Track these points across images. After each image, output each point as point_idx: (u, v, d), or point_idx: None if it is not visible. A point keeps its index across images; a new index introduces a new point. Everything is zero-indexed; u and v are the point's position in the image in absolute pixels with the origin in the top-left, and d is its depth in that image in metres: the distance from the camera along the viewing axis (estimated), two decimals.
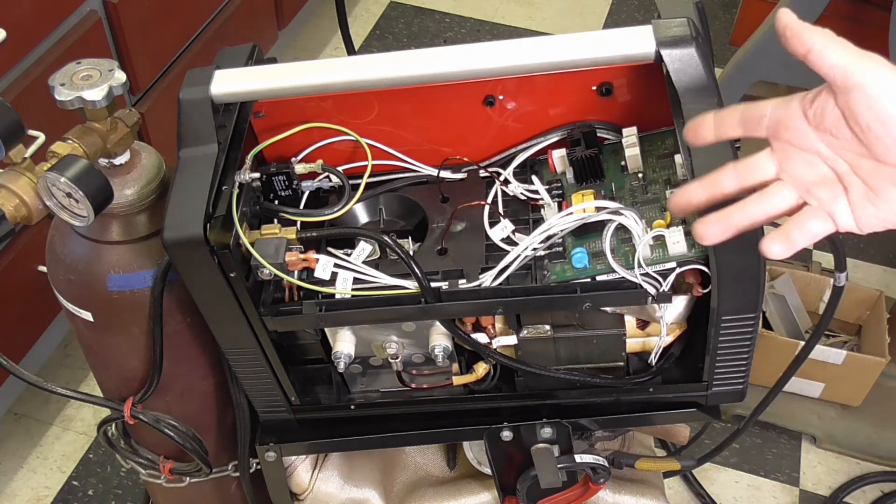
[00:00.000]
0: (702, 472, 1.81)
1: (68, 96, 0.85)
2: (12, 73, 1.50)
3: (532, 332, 0.94)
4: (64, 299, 0.99)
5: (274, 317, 0.90)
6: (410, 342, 0.96)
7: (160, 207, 0.93)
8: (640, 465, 1.12)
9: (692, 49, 0.81)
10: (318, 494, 1.21)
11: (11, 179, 0.82)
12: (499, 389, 1.01)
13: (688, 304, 0.93)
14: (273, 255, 0.87)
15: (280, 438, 1.07)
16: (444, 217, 0.97)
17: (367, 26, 2.78)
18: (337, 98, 0.95)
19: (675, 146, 0.93)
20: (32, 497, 1.79)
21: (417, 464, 1.24)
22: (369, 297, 0.89)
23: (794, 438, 1.88)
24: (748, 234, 0.79)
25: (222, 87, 0.88)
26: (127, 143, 0.92)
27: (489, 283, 0.89)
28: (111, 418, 1.08)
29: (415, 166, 1.00)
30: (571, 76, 0.92)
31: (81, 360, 1.90)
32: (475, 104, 0.97)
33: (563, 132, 0.98)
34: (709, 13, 1.30)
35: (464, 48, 0.86)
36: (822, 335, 1.43)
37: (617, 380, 0.98)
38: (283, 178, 0.95)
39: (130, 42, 1.71)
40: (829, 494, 1.80)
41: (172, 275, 0.94)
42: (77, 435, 1.87)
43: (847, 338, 1.93)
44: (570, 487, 1.10)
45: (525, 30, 2.78)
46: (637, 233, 0.85)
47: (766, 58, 2.13)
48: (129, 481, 1.80)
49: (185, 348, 1.02)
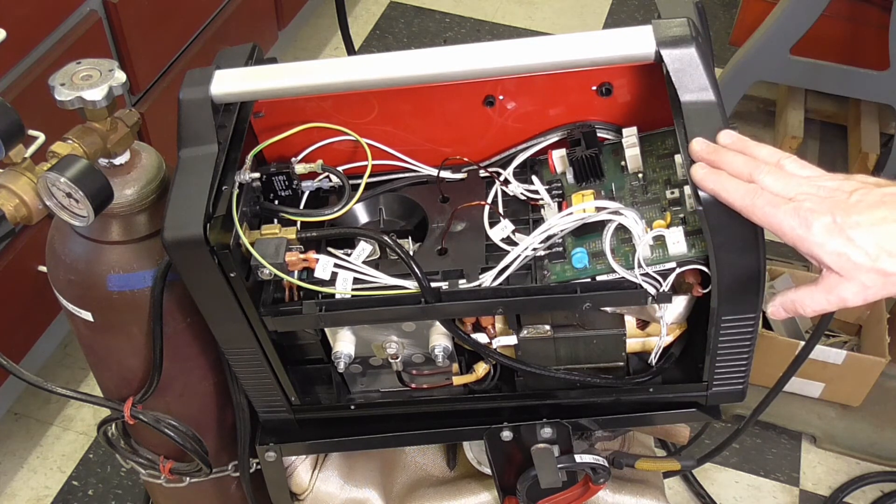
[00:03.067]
0: (702, 472, 1.81)
1: (68, 96, 0.85)
2: (12, 73, 1.50)
3: (532, 332, 0.94)
4: (64, 299, 0.99)
5: (274, 317, 0.90)
6: (410, 342, 0.96)
7: (160, 207, 0.93)
8: (640, 465, 1.12)
9: (692, 49, 0.81)
10: (318, 494, 1.21)
11: (11, 179, 0.82)
12: (499, 389, 1.01)
13: (688, 304, 0.93)
14: (273, 255, 0.87)
15: (280, 438, 1.07)
16: (444, 217, 0.97)
17: (367, 26, 2.78)
18: (337, 98, 0.95)
19: (675, 146, 0.93)
20: (32, 497, 1.79)
21: (417, 464, 1.24)
22: (369, 297, 0.89)
23: (794, 438, 1.88)
24: (748, 235, 0.79)
25: (222, 87, 0.88)
26: (127, 143, 0.92)
27: (489, 283, 0.89)
28: (111, 418, 1.08)
29: (415, 166, 1.00)
30: (571, 76, 0.92)
31: (81, 360, 1.90)
32: (475, 104, 0.97)
33: (563, 132, 0.98)
34: (709, 13, 1.30)
35: (464, 48, 0.86)
36: (822, 335, 1.43)
37: (617, 380, 0.98)
38: (283, 178, 0.95)
39: (130, 42, 1.71)
40: (829, 494, 1.80)
41: (172, 275, 0.94)
42: (77, 435, 1.87)
43: (847, 338, 1.93)
44: (570, 487, 1.10)
45: (525, 30, 2.78)
46: (637, 233, 0.85)
47: (766, 58, 2.13)
48: (129, 481, 1.80)
49: (185, 348, 1.02)
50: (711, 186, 0.75)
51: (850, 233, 0.68)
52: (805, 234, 0.69)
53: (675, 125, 0.83)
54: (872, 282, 0.68)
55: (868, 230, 0.67)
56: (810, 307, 0.73)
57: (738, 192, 0.73)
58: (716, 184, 0.75)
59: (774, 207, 0.70)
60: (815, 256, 0.70)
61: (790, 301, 0.74)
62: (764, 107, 2.54)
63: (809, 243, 0.69)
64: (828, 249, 0.68)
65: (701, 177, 0.76)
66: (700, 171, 0.76)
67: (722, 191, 0.74)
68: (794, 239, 0.70)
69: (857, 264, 0.68)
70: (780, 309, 0.76)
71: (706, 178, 0.75)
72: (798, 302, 0.74)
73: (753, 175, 0.73)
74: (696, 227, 0.85)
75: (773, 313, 0.76)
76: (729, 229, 0.78)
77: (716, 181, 0.75)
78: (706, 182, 0.75)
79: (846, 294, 0.70)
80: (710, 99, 0.81)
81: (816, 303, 0.72)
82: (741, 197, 0.73)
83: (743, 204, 0.73)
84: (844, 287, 0.70)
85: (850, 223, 0.68)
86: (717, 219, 0.77)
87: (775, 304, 0.76)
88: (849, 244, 0.68)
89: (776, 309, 0.76)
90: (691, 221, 0.86)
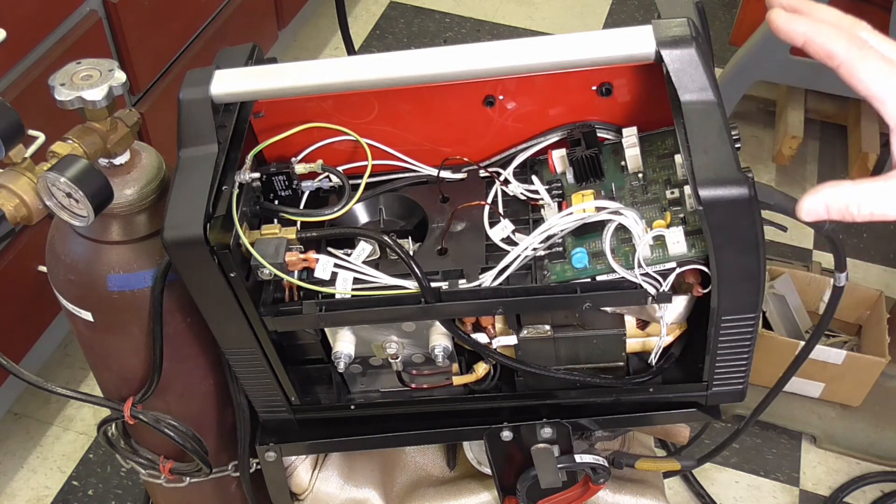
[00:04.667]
0: (702, 472, 1.81)
1: (68, 96, 0.85)
2: (12, 73, 1.50)
3: (532, 332, 0.94)
4: (64, 299, 0.99)
5: (274, 317, 0.90)
6: (410, 342, 0.96)
7: (160, 207, 0.93)
8: (640, 465, 1.12)
9: (692, 49, 0.81)
10: (318, 494, 1.21)
11: (11, 179, 0.82)
12: (499, 389, 1.01)
13: (688, 304, 0.93)
14: (273, 255, 0.87)
15: (280, 438, 1.07)
16: (444, 217, 0.97)
17: (367, 26, 2.78)
18: (337, 98, 0.95)
19: (675, 146, 0.93)
20: (32, 497, 1.79)
21: (417, 464, 1.24)
22: (369, 297, 0.89)
23: (794, 438, 1.88)
24: (748, 235, 0.79)
25: (222, 87, 0.88)
26: (127, 143, 0.92)
27: (489, 283, 0.89)
28: (111, 418, 1.08)
29: (415, 166, 1.00)
30: (571, 76, 0.92)
31: (81, 360, 1.90)
32: (475, 104, 0.97)
33: (563, 132, 0.98)
34: (709, 13, 1.30)
35: (464, 48, 0.86)
36: (822, 335, 1.43)
37: (617, 380, 0.98)
38: (283, 178, 0.95)
39: (130, 42, 1.72)
40: (829, 494, 1.80)
41: (172, 275, 0.94)
42: (77, 435, 1.87)
43: (847, 338, 1.94)
44: (570, 487, 1.10)
45: (525, 30, 2.78)
46: (637, 233, 0.85)
47: (766, 58, 2.13)
48: (129, 481, 1.80)
49: (185, 348, 1.02)
50: (803, 29, 0.60)
51: None
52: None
53: (675, 125, 0.83)
54: None
55: None
56: (869, 210, 0.57)
57: (840, 40, 0.59)
58: (809, 27, 0.60)
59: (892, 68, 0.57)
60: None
61: (841, 199, 0.58)
62: (764, 107, 2.54)
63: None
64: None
65: (786, 19, 0.61)
66: (782, 14, 0.61)
67: (818, 34, 0.60)
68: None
69: None
70: (822, 206, 0.59)
71: (793, 20, 0.60)
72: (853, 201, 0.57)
73: (855, 29, 0.60)
74: (696, 227, 0.85)
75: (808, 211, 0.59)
76: (729, 229, 0.78)
77: (809, 24, 0.60)
78: (794, 24, 0.60)
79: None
80: (710, 99, 0.81)
81: (881, 205, 0.57)
82: (845, 46, 0.59)
83: (847, 56, 0.58)
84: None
85: None
86: (717, 219, 0.77)
87: (817, 198, 0.58)
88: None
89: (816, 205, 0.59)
90: (691, 221, 0.86)
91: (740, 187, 0.76)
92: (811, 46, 0.60)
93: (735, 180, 0.76)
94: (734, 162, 0.77)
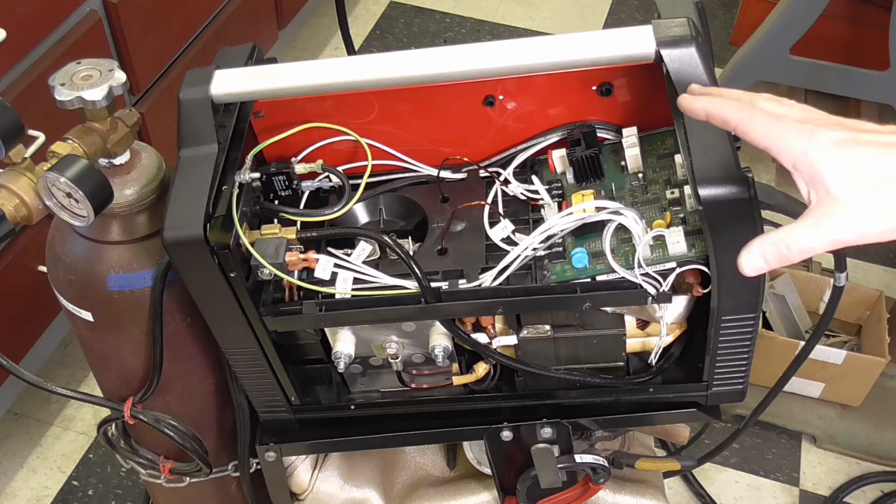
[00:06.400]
0: (702, 472, 1.81)
1: (68, 96, 0.85)
2: (12, 73, 1.50)
3: (532, 332, 0.94)
4: (64, 299, 0.99)
5: (274, 317, 0.90)
6: (410, 342, 0.96)
7: (160, 207, 0.93)
8: (640, 465, 1.12)
9: (692, 49, 0.81)
10: (318, 494, 1.21)
11: (11, 179, 0.82)
12: (499, 389, 1.01)
13: (688, 304, 0.93)
14: (273, 255, 0.87)
15: (280, 438, 1.07)
16: (444, 217, 0.97)
17: (367, 26, 2.78)
18: (337, 98, 0.95)
19: (675, 146, 0.93)
20: (32, 497, 1.79)
21: (417, 464, 1.24)
22: (369, 297, 0.89)
23: (794, 438, 1.88)
24: (748, 234, 0.79)
25: (222, 87, 0.88)
26: (127, 143, 0.92)
27: (489, 283, 0.89)
28: (111, 418, 1.08)
29: (415, 166, 1.00)
30: (571, 76, 0.93)
31: (81, 360, 1.90)
32: (475, 104, 0.97)
33: (563, 132, 0.98)
34: (709, 13, 1.30)
35: (464, 48, 0.86)
36: (822, 335, 1.43)
37: (617, 380, 0.98)
38: (283, 178, 0.95)
39: (130, 42, 1.71)
40: (829, 494, 1.80)
41: (172, 275, 0.94)
42: (77, 435, 1.87)
43: (847, 338, 1.93)
44: (570, 487, 1.10)
45: (525, 30, 2.78)
46: (637, 233, 0.85)
47: (766, 58, 2.13)
48: (129, 481, 1.80)
49: (185, 348, 1.02)
50: (702, 105, 0.68)
51: (859, 150, 0.60)
52: (807, 145, 0.61)
53: (675, 125, 0.83)
54: (871, 210, 0.60)
55: (878, 150, 0.60)
56: (797, 247, 0.62)
57: (733, 107, 0.66)
58: (708, 102, 0.67)
59: (777, 119, 0.63)
60: (815, 173, 0.61)
61: (771, 245, 0.63)
62: None
63: (811, 156, 0.61)
64: (832, 162, 0.60)
65: (689, 100, 0.69)
66: (686, 96, 0.70)
67: (714, 106, 0.67)
68: (795, 154, 0.62)
69: (863, 183, 0.59)
70: (758, 257, 0.64)
71: (695, 100, 0.68)
72: (781, 243, 0.63)
73: (754, 99, 0.66)
74: (696, 227, 0.85)
75: (749, 267, 0.65)
76: (729, 229, 0.78)
77: (707, 100, 0.67)
78: (696, 102, 0.68)
79: (840, 224, 0.61)
80: None
81: (804, 240, 0.62)
82: (737, 110, 0.65)
83: (740, 117, 0.65)
84: (839, 216, 0.61)
85: (860, 140, 0.61)
86: (717, 219, 0.77)
87: (752, 252, 0.64)
88: (855, 157, 0.60)
89: (753, 259, 0.64)
90: (691, 221, 0.86)
91: (740, 187, 0.76)
92: (711, 118, 0.68)
93: (735, 180, 0.76)
94: (734, 162, 0.77)
